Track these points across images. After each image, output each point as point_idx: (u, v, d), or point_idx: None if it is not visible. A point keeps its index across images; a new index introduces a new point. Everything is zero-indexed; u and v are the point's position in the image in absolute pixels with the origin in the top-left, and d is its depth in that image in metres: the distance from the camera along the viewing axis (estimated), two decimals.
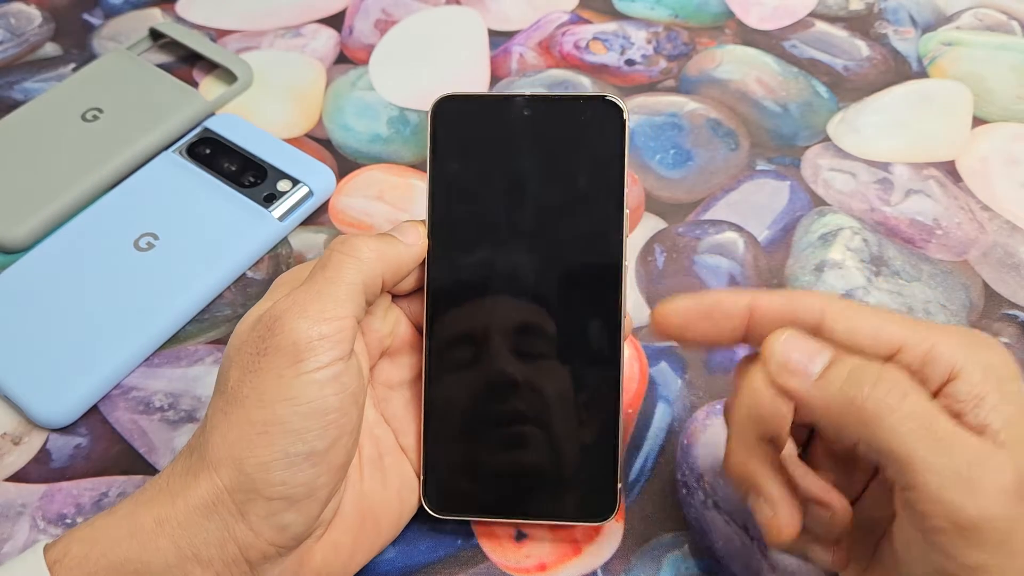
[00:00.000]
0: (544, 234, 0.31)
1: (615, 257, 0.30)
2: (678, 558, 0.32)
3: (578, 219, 0.30)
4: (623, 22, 0.53)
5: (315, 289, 0.27)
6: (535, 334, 0.31)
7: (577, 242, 0.30)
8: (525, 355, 0.31)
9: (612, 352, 0.30)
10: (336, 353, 0.26)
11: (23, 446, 0.36)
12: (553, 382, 0.31)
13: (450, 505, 0.31)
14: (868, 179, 0.45)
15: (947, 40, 0.52)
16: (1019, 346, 0.38)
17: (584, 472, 0.30)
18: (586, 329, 0.30)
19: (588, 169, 0.30)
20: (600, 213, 0.30)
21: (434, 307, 0.31)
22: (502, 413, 0.31)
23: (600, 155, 0.30)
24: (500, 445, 0.31)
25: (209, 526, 0.26)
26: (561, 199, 0.31)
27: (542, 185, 0.31)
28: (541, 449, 0.30)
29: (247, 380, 0.26)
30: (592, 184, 0.30)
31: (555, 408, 0.30)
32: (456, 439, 0.31)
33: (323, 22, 0.54)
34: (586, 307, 0.30)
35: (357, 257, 0.28)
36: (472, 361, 0.31)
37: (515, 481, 0.31)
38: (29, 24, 0.54)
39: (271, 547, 0.26)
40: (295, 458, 0.26)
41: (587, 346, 0.30)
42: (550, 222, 0.31)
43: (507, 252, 0.31)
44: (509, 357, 0.31)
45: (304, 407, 0.26)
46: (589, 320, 0.30)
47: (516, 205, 0.31)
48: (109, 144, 0.45)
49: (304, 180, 0.43)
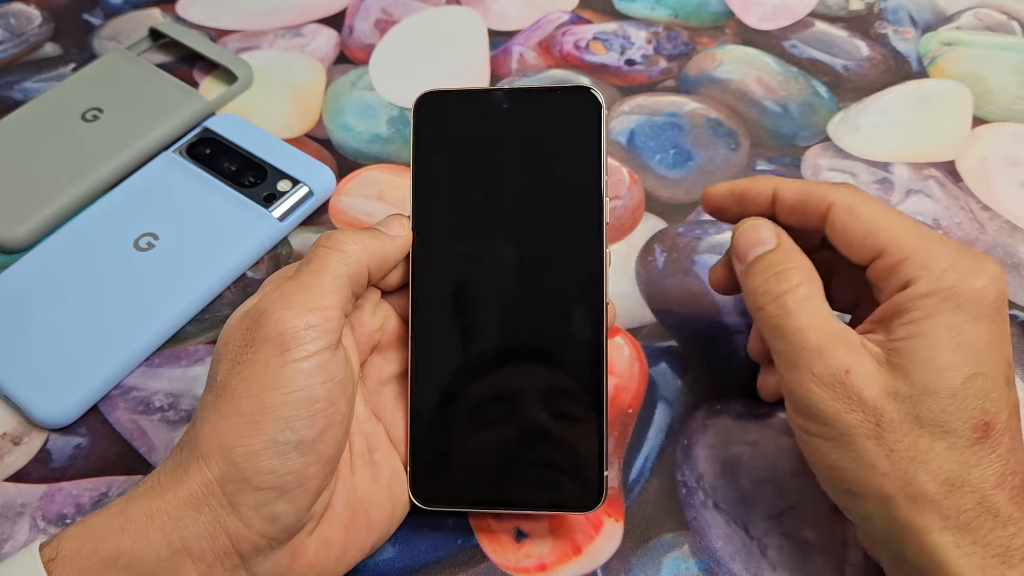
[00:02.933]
0: (525, 225, 0.31)
1: (596, 245, 0.30)
2: (678, 558, 0.32)
3: (558, 209, 0.31)
4: (623, 22, 0.53)
5: (301, 282, 0.28)
6: (518, 325, 0.31)
7: (558, 232, 0.31)
8: (508, 345, 0.31)
9: (595, 340, 0.30)
10: (323, 342, 0.27)
11: (23, 446, 0.36)
12: (536, 372, 0.31)
13: (435, 496, 0.31)
14: (868, 179, 0.45)
15: (947, 40, 0.52)
16: (1020, 346, 0.38)
17: (569, 461, 0.30)
18: (568, 319, 0.30)
19: (566, 159, 0.31)
20: (579, 202, 0.31)
21: (418, 300, 0.31)
22: (485, 404, 0.31)
23: (578, 145, 0.31)
24: (484, 436, 0.31)
25: (200, 518, 0.26)
26: (541, 190, 0.31)
27: (522, 176, 0.31)
28: (525, 439, 0.31)
29: (235, 372, 0.27)
30: (571, 173, 0.31)
31: (539, 398, 0.30)
32: (440, 430, 0.31)
33: (323, 22, 0.54)
34: (568, 297, 0.31)
35: (341, 250, 0.29)
36: (456, 353, 0.31)
37: (499, 472, 0.31)
38: (29, 24, 0.54)
39: (262, 539, 0.26)
40: (284, 447, 0.26)
41: (570, 335, 0.30)
42: (531, 213, 0.31)
43: (489, 243, 0.31)
44: (492, 348, 0.31)
45: (292, 395, 0.26)
46: (571, 310, 0.31)
47: (497, 197, 0.31)
48: (109, 144, 0.45)
49: (304, 180, 0.43)
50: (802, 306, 0.28)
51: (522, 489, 0.31)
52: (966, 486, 0.25)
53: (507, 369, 0.31)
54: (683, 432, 0.36)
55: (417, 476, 0.31)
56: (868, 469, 0.26)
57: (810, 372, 0.27)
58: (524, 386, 0.31)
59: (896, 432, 0.26)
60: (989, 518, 0.25)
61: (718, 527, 0.33)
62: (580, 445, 0.30)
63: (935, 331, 0.26)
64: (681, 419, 0.36)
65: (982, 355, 0.26)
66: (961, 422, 0.25)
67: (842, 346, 0.27)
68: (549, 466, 0.30)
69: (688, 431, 0.36)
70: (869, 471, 0.26)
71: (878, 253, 0.28)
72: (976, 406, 0.25)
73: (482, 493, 0.31)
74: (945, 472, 0.25)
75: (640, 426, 0.36)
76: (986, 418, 0.25)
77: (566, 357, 0.31)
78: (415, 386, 0.31)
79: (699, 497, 0.34)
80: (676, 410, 0.36)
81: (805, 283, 0.29)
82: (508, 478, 0.31)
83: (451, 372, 0.31)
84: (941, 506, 0.25)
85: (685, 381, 0.37)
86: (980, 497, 0.25)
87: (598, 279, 0.30)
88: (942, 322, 0.26)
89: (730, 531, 0.33)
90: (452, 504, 0.31)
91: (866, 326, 0.28)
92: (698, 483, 0.34)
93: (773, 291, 0.29)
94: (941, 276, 0.26)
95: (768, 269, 0.29)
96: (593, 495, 0.30)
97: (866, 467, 0.26)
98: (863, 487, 0.26)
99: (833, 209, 0.29)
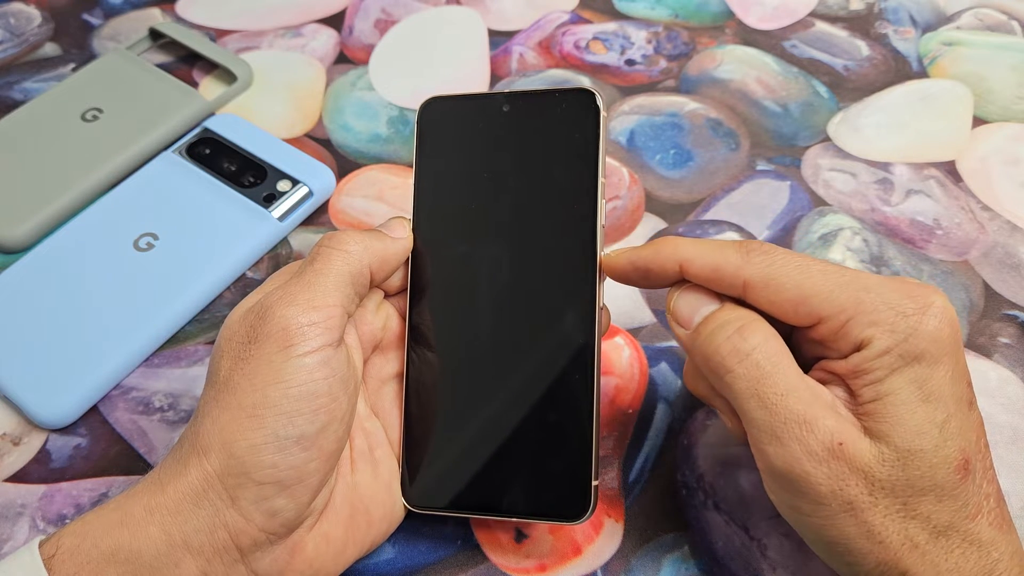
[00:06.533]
0: (521, 228, 0.31)
1: (589, 249, 0.30)
2: (678, 558, 0.32)
3: (553, 212, 0.31)
4: (623, 22, 0.53)
5: (304, 280, 0.28)
6: (511, 331, 0.31)
7: (552, 235, 0.31)
8: (502, 351, 0.31)
9: (588, 347, 0.30)
10: (325, 339, 0.27)
11: (23, 446, 0.36)
12: (529, 379, 0.30)
13: (425, 499, 0.31)
14: (868, 179, 0.45)
15: (947, 40, 0.52)
16: (1019, 346, 0.38)
17: (558, 471, 0.30)
18: (562, 325, 0.30)
19: (564, 161, 0.31)
20: (574, 205, 0.30)
21: (415, 302, 0.32)
22: (477, 409, 0.31)
23: (576, 146, 0.31)
24: (474, 441, 0.31)
25: (199, 512, 0.26)
26: (537, 192, 0.31)
27: (520, 179, 0.31)
28: (515, 446, 0.30)
29: (238, 367, 0.27)
30: (567, 175, 0.31)
31: (530, 405, 0.30)
32: (432, 433, 0.31)
33: (323, 22, 0.54)
34: (560, 302, 0.30)
35: (344, 250, 0.29)
36: (449, 356, 0.31)
37: (489, 477, 0.30)
38: (29, 24, 0.54)
39: (261, 533, 0.26)
40: (285, 441, 0.26)
41: (563, 342, 0.30)
42: (527, 216, 0.31)
43: (484, 247, 0.31)
44: (486, 353, 0.31)
45: (294, 390, 0.26)
46: (563, 316, 0.30)
47: (494, 200, 0.31)
48: (109, 144, 0.45)
49: (304, 180, 0.43)
50: (777, 367, 0.26)
51: (510, 496, 0.30)
52: (951, 528, 0.25)
53: (498, 375, 0.31)
54: (683, 432, 0.36)
55: (407, 478, 0.31)
56: (867, 540, 0.25)
57: (802, 445, 0.25)
58: (514, 392, 0.30)
59: (889, 498, 0.25)
60: (974, 551, 0.25)
61: (718, 527, 0.33)
62: (569, 455, 0.30)
63: (902, 389, 0.25)
64: (681, 419, 0.36)
65: (947, 396, 0.25)
66: (945, 470, 0.25)
67: (828, 413, 0.25)
68: (537, 474, 0.30)
69: (688, 431, 0.36)
70: (868, 542, 0.25)
71: (816, 320, 0.26)
72: (954, 448, 0.25)
73: (471, 498, 0.31)
74: (934, 522, 0.25)
75: (640, 426, 0.36)
76: (964, 456, 0.25)
77: (556, 365, 0.30)
78: (409, 388, 0.31)
79: (699, 497, 0.34)
80: (676, 410, 0.36)
81: (772, 338, 0.27)
82: (497, 484, 0.30)
83: (444, 376, 0.31)
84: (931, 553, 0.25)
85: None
86: (964, 533, 0.25)
87: (591, 284, 0.30)
88: (906, 376, 0.25)
89: (730, 531, 0.33)
90: (442, 508, 0.31)
91: (822, 375, 0.27)
92: (698, 483, 0.34)
93: (741, 348, 0.26)
94: (892, 329, 0.25)
95: (726, 326, 0.27)
96: (581, 506, 0.29)
97: (865, 538, 0.25)
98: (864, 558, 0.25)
99: (750, 289, 0.27)
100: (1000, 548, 0.25)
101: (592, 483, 0.29)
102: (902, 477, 0.25)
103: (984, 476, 0.26)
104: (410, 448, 0.31)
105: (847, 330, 0.26)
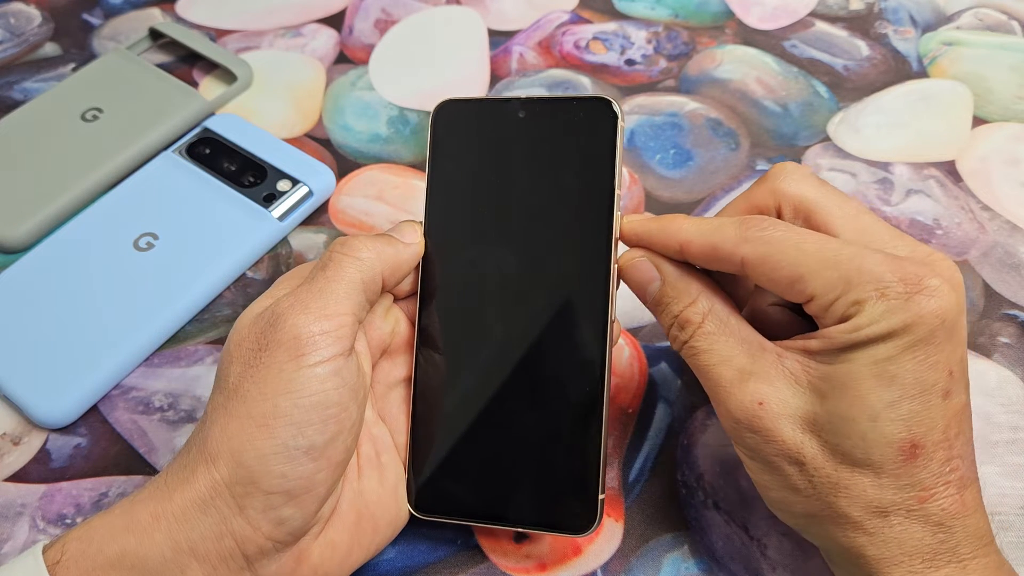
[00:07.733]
0: (534, 236, 0.30)
1: (603, 260, 0.30)
2: (678, 558, 0.32)
3: (567, 221, 0.30)
4: (623, 22, 0.53)
5: (316, 288, 0.28)
6: (523, 339, 0.30)
7: (566, 245, 0.30)
8: (512, 360, 0.30)
9: (598, 360, 0.29)
10: (337, 348, 0.27)
11: (23, 446, 0.36)
12: (538, 389, 0.30)
13: (430, 505, 0.31)
14: (868, 179, 0.45)
15: (947, 40, 0.52)
16: (1019, 346, 0.38)
17: (564, 482, 0.29)
18: (573, 336, 0.30)
19: (579, 170, 0.30)
20: (589, 215, 0.30)
21: (425, 307, 0.31)
22: (485, 417, 0.30)
23: (592, 155, 0.30)
24: (481, 449, 0.30)
25: (206, 520, 0.26)
26: (551, 201, 0.30)
27: (534, 187, 0.31)
28: (522, 457, 0.30)
29: (248, 375, 0.26)
30: (582, 185, 0.30)
31: (538, 415, 0.30)
32: (439, 440, 0.31)
33: (323, 22, 0.54)
34: (575, 312, 0.30)
35: (357, 257, 0.28)
36: (458, 362, 0.31)
37: (494, 486, 0.30)
38: (29, 24, 0.54)
39: (268, 542, 0.26)
40: (294, 451, 0.26)
41: (574, 353, 0.30)
42: (540, 224, 0.30)
43: (496, 253, 0.31)
44: (495, 361, 0.30)
45: (305, 400, 0.26)
46: (577, 326, 0.30)
47: (508, 207, 0.31)
48: (109, 144, 0.45)
49: (304, 180, 0.43)
50: (711, 342, 0.28)
51: (516, 506, 0.30)
52: (893, 507, 0.25)
53: (507, 384, 0.30)
54: (683, 432, 0.36)
55: (412, 484, 0.31)
56: (792, 492, 0.26)
57: (726, 408, 0.27)
58: (523, 402, 0.30)
59: (816, 460, 0.26)
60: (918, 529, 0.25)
61: (718, 527, 0.33)
62: (576, 467, 0.29)
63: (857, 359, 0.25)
64: (681, 419, 0.36)
65: (908, 380, 0.25)
66: (884, 450, 0.25)
67: (754, 376, 0.27)
68: (544, 486, 0.30)
69: (688, 431, 0.36)
70: (793, 494, 0.26)
71: (808, 298, 0.26)
72: (899, 429, 0.25)
73: (476, 507, 0.30)
74: (869, 500, 0.25)
75: (640, 426, 0.36)
76: (913, 439, 0.25)
77: (566, 376, 0.30)
78: (417, 394, 0.31)
79: (699, 497, 0.34)
80: (676, 410, 0.36)
81: (709, 316, 0.28)
82: (502, 494, 0.30)
83: (453, 383, 0.31)
84: (865, 528, 0.25)
85: (685, 381, 0.37)
86: (906, 513, 0.25)
87: (603, 298, 0.30)
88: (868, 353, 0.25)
89: (730, 531, 0.33)
90: (447, 515, 0.31)
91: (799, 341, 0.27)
92: (698, 483, 0.34)
93: (680, 337, 0.29)
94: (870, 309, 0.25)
95: (667, 313, 0.29)
96: (587, 519, 0.29)
97: (791, 490, 0.26)
98: (792, 508, 0.27)
99: (748, 266, 0.27)
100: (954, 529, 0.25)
101: (599, 496, 0.29)
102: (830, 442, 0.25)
103: (947, 464, 0.25)
104: (416, 455, 0.31)
105: (834, 308, 0.26)
